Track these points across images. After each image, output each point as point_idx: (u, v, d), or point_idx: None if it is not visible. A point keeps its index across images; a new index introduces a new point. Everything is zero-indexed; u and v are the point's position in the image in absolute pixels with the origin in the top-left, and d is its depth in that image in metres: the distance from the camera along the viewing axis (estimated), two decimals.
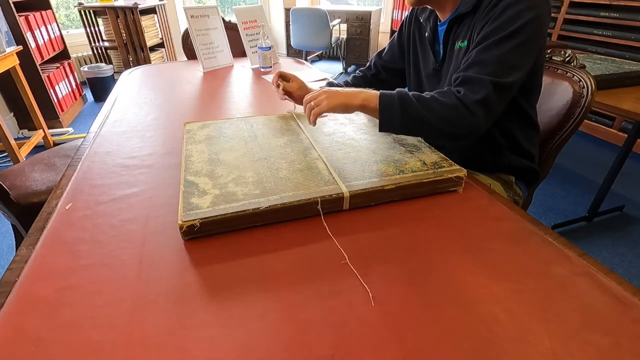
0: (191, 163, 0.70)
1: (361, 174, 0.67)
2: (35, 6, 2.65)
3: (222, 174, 0.66)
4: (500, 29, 0.69)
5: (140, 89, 1.30)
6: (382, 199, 0.65)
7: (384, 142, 0.79)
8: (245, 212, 0.57)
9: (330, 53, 4.73)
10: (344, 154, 0.74)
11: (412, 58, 0.99)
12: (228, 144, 0.78)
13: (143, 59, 3.23)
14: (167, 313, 0.44)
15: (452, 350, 0.41)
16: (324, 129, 0.86)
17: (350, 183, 0.64)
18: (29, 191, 1.12)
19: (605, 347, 0.41)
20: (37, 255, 0.53)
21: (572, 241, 0.57)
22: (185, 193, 0.61)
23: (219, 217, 0.56)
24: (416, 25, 0.97)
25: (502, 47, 0.69)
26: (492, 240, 0.57)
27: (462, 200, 0.68)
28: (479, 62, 0.71)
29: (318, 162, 0.71)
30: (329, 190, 0.62)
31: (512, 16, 0.68)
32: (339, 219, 0.62)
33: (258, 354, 0.40)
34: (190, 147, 0.77)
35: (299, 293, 0.47)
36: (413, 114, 0.70)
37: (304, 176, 0.66)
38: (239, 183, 0.64)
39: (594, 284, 0.50)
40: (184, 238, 0.56)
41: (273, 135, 0.82)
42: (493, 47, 0.70)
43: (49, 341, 0.41)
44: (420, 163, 0.70)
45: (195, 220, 0.55)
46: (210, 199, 0.59)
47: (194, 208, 0.57)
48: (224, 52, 1.58)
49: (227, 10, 4.61)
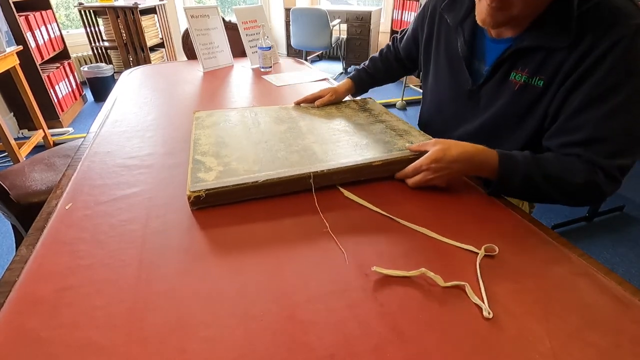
0: (199, 145, 0.76)
1: (352, 152, 0.73)
2: (35, 6, 2.65)
3: (226, 154, 0.73)
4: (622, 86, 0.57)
5: (140, 89, 1.30)
6: (371, 174, 0.71)
7: (376, 128, 0.85)
8: (245, 185, 0.63)
9: (330, 53, 4.72)
10: (338, 138, 0.80)
11: (433, 66, 0.87)
12: (233, 130, 0.84)
13: (143, 59, 3.23)
14: (167, 313, 0.44)
15: (452, 350, 0.41)
16: (323, 119, 0.92)
17: (341, 160, 0.70)
18: (28, 191, 1.12)
19: (605, 347, 0.41)
20: (37, 255, 0.53)
21: (572, 241, 0.57)
22: (193, 169, 0.67)
23: (222, 188, 0.62)
24: (442, 26, 0.83)
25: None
26: (492, 240, 0.57)
27: (462, 201, 0.68)
28: (609, 138, 0.59)
29: (314, 146, 0.76)
30: (321, 166, 0.67)
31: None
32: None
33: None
34: (198, 131, 0.83)
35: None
36: (533, 193, 0.65)
37: (299, 156, 0.72)
38: (241, 162, 0.70)
39: (594, 284, 0.50)
40: (192, 208, 0.63)
41: (274, 122, 0.88)
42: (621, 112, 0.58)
43: (49, 341, 0.41)
44: (409, 144, 0.74)
45: (201, 191, 0.61)
46: (214, 174, 0.65)
47: (200, 181, 0.63)
48: (224, 52, 1.58)
49: (227, 10, 4.61)
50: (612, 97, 0.58)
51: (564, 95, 0.63)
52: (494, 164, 0.64)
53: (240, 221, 0.61)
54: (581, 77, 0.60)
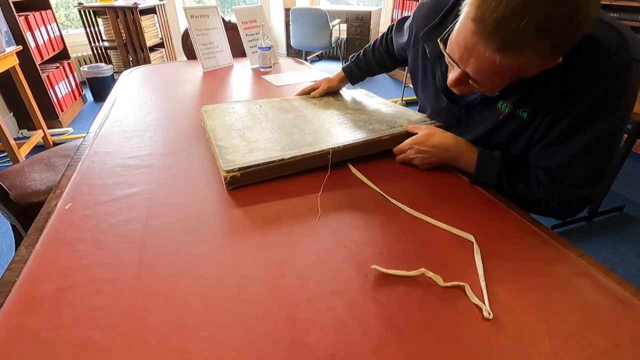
0: (217, 133, 0.81)
1: (361, 130, 0.81)
2: (35, 6, 2.64)
3: (246, 139, 0.77)
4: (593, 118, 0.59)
5: (140, 89, 1.30)
6: (380, 148, 0.80)
7: (376, 109, 0.94)
8: (273, 163, 0.69)
9: (330, 53, 4.72)
10: (343, 120, 0.88)
11: (421, 81, 0.87)
12: (244, 119, 0.89)
13: (143, 59, 3.23)
14: (167, 313, 0.44)
15: (452, 350, 0.41)
16: (325, 107, 0.98)
17: (353, 137, 0.77)
18: (28, 191, 1.12)
19: (605, 347, 0.41)
20: (36, 255, 0.53)
21: (572, 241, 0.57)
22: (221, 154, 0.71)
23: (254, 167, 0.67)
24: (425, 58, 0.82)
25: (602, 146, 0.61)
26: (492, 240, 0.57)
27: (462, 200, 0.68)
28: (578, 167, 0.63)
29: (324, 128, 0.83)
30: (337, 143, 0.75)
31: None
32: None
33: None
34: (212, 122, 0.87)
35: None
36: (507, 192, 0.69)
37: (314, 137, 0.78)
38: (262, 145, 0.75)
39: (594, 284, 0.50)
40: (228, 188, 0.67)
41: (280, 112, 0.94)
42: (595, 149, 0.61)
43: (49, 341, 0.41)
44: (408, 121, 0.85)
45: (235, 170, 0.66)
46: (241, 155, 0.70)
47: (231, 162, 0.68)
48: (224, 52, 1.58)
49: (227, 10, 4.61)
50: (586, 133, 0.60)
51: (546, 127, 0.64)
52: (472, 158, 0.72)
53: (240, 221, 0.61)
54: (562, 113, 0.61)
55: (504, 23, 0.47)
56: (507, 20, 0.47)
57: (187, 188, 0.69)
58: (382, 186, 0.70)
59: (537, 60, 0.51)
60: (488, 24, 0.48)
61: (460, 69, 0.58)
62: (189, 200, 0.65)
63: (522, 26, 0.46)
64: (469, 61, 0.55)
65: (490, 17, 0.48)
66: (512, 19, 0.46)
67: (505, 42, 0.49)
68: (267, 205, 0.65)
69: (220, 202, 0.65)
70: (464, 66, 0.57)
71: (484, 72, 0.55)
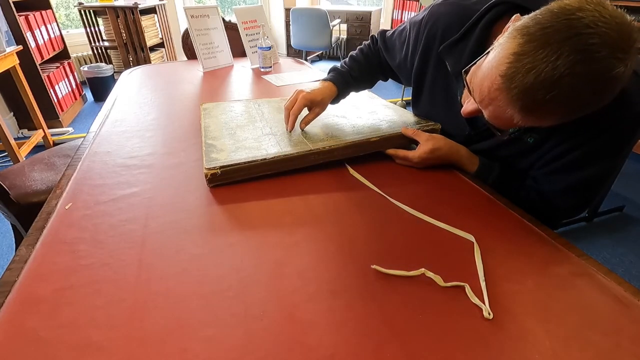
0: (209, 131, 0.82)
1: (351, 132, 0.81)
2: (35, 6, 2.64)
3: (235, 138, 0.79)
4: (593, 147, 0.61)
5: (140, 89, 1.30)
6: (369, 149, 0.79)
7: (371, 111, 0.94)
8: (255, 162, 0.69)
9: (330, 53, 4.72)
10: (338, 121, 0.88)
11: (428, 97, 0.84)
12: (239, 118, 0.90)
13: (143, 59, 3.23)
14: (167, 313, 0.44)
15: (452, 350, 0.41)
16: None
17: (343, 138, 0.78)
18: (28, 191, 1.12)
19: (605, 347, 0.41)
20: (36, 255, 0.53)
21: (572, 241, 0.57)
22: (207, 152, 0.73)
23: (234, 165, 0.68)
24: (441, 66, 0.77)
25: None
26: (492, 240, 0.57)
27: (462, 201, 0.68)
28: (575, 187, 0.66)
29: (315, 129, 0.83)
30: (323, 145, 0.75)
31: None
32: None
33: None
34: (207, 120, 0.89)
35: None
36: (504, 192, 0.72)
37: (303, 136, 0.79)
38: (249, 144, 0.76)
39: (594, 284, 0.50)
40: (209, 185, 0.69)
41: (277, 112, 0.94)
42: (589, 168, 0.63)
43: (49, 341, 0.41)
44: (404, 123, 0.85)
45: (216, 168, 0.67)
46: (226, 154, 0.72)
47: (214, 160, 0.69)
48: (224, 52, 1.58)
49: (227, 10, 4.61)
50: (592, 169, 0.62)
51: (553, 156, 0.65)
52: (472, 168, 0.76)
53: (240, 221, 0.61)
54: (571, 147, 0.62)
55: (532, 91, 0.46)
56: (535, 89, 0.45)
57: (188, 188, 0.69)
58: (382, 186, 0.70)
59: (556, 122, 0.51)
60: (515, 86, 0.47)
61: (478, 107, 0.58)
62: (189, 200, 0.65)
63: (548, 97, 0.45)
64: (488, 107, 0.54)
65: (519, 80, 0.46)
66: (540, 90, 0.45)
67: (529, 108, 0.48)
68: (267, 206, 0.65)
69: (221, 202, 0.65)
70: (482, 107, 0.56)
71: (500, 120, 0.55)
